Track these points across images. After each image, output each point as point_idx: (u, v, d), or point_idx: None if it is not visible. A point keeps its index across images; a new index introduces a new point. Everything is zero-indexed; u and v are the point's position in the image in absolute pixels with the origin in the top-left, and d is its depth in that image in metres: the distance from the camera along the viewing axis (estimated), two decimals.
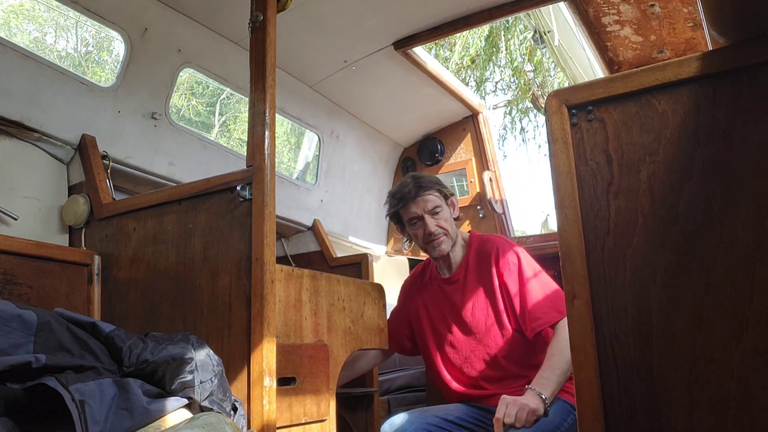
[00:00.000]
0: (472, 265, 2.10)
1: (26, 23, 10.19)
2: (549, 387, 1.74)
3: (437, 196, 2.10)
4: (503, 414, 1.66)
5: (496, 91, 10.49)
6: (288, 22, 2.56)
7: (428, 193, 2.08)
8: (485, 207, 3.65)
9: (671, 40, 2.60)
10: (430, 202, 2.08)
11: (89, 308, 1.89)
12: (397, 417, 1.99)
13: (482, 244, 2.12)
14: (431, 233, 2.07)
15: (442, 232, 2.07)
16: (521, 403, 1.67)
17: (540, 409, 1.69)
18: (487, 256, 2.07)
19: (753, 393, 0.93)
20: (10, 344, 1.15)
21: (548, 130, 1.15)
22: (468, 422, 2.00)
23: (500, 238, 2.15)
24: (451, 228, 2.10)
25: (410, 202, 2.09)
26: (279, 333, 1.62)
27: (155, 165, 2.54)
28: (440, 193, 2.11)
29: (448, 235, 2.09)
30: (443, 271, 2.18)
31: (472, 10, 2.76)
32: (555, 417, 1.76)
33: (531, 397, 1.70)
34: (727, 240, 0.98)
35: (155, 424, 1.16)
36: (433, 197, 2.09)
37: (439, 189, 2.11)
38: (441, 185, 2.13)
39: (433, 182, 2.13)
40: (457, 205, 2.18)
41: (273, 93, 1.65)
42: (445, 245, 2.08)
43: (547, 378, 1.76)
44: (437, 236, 2.07)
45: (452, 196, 2.16)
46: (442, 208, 2.09)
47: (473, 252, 2.12)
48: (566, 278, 1.09)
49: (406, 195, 2.09)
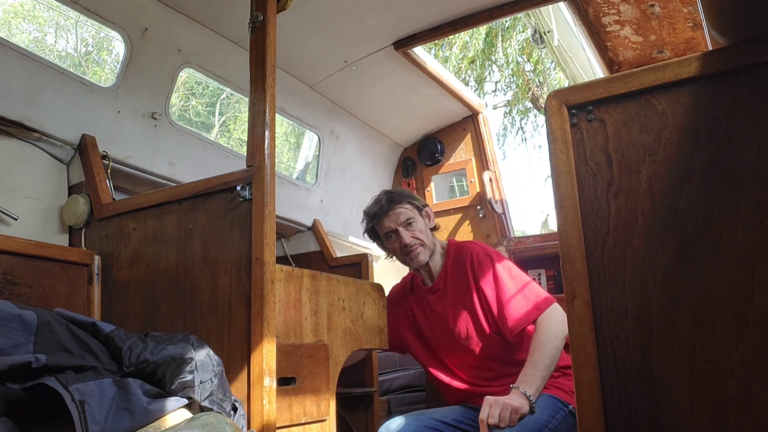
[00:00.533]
0: (451, 272, 2.12)
1: (26, 23, 10.20)
2: (533, 384, 1.75)
3: (409, 208, 2.12)
4: (487, 415, 1.67)
5: (496, 91, 10.50)
6: (288, 22, 2.56)
7: (399, 206, 2.12)
8: (485, 207, 3.65)
9: (671, 40, 2.60)
10: (402, 214, 2.11)
11: (89, 308, 1.89)
12: (394, 421, 2.00)
13: (458, 250, 2.14)
14: (407, 245, 2.09)
15: (417, 243, 2.10)
16: (503, 403, 1.67)
17: (524, 407, 1.69)
18: (463, 263, 2.09)
19: (753, 393, 0.93)
20: (10, 344, 1.15)
21: (548, 130, 1.15)
22: (465, 424, 2.00)
23: (475, 244, 2.16)
24: (427, 238, 2.12)
25: (383, 217, 2.13)
26: (279, 333, 1.62)
27: (155, 165, 2.54)
28: (412, 204, 2.14)
29: (425, 246, 2.11)
30: (426, 280, 2.20)
31: (472, 10, 2.76)
32: (543, 413, 1.75)
33: (515, 396, 1.71)
34: (727, 240, 0.98)
35: (155, 424, 1.16)
36: (405, 210, 2.12)
37: (410, 201, 2.14)
38: (412, 197, 2.17)
39: (405, 195, 2.17)
40: (432, 215, 2.21)
41: (273, 93, 1.65)
42: (422, 256, 2.10)
43: (530, 375, 1.77)
44: (413, 247, 2.09)
45: (425, 207, 2.19)
46: (416, 220, 2.12)
47: (451, 260, 2.14)
48: (566, 278, 1.09)
49: (378, 211, 2.14)
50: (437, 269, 2.16)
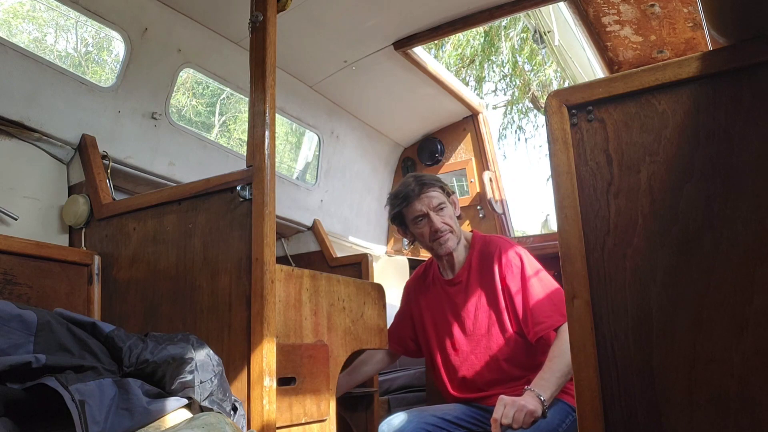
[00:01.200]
0: (475, 266, 2.09)
1: (26, 23, 10.20)
2: (548, 389, 1.73)
3: (440, 193, 2.09)
4: (501, 414, 1.65)
5: (496, 91, 10.50)
6: (288, 22, 2.56)
7: (432, 190, 2.07)
8: (485, 207, 3.65)
9: (671, 40, 2.60)
10: (435, 198, 2.06)
11: (89, 308, 1.89)
12: (395, 417, 1.99)
13: (485, 245, 2.11)
14: (437, 230, 2.05)
15: (448, 229, 2.06)
16: (519, 404, 1.66)
17: (538, 410, 1.68)
18: (489, 258, 2.06)
19: (753, 393, 0.93)
20: (10, 344, 1.15)
21: (548, 130, 1.15)
22: (466, 422, 1.99)
23: (503, 239, 2.14)
24: (456, 226, 2.09)
25: (414, 200, 2.07)
26: (279, 333, 1.62)
27: (155, 165, 2.54)
28: (443, 190, 2.10)
29: (454, 233, 2.08)
30: (446, 271, 2.17)
31: (472, 10, 2.76)
32: (553, 418, 1.75)
33: (529, 398, 1.70)
34: (727, 240, 0.98)
35: (155, 424, 1.16)
36: (437, 194, 2.08)
37: (441, 186, 2.10)
38: (442, 183, 2.13)
39: (435, 180, 2.12)
40: (458, 204, 2.18)
41: (273, 93, 1.65)
42: (451, 242, 2.07)
43: (547, 380, 1.76)
44: (443, 233, 2.05)
45: (453, 195, 2.15)
46: (446, 206, 2.08)
47: (476, 253, 2.11)
48: (566, 278, 1.09)
49: (409, 193, 2.08)
50: (460, 261, 2.13)
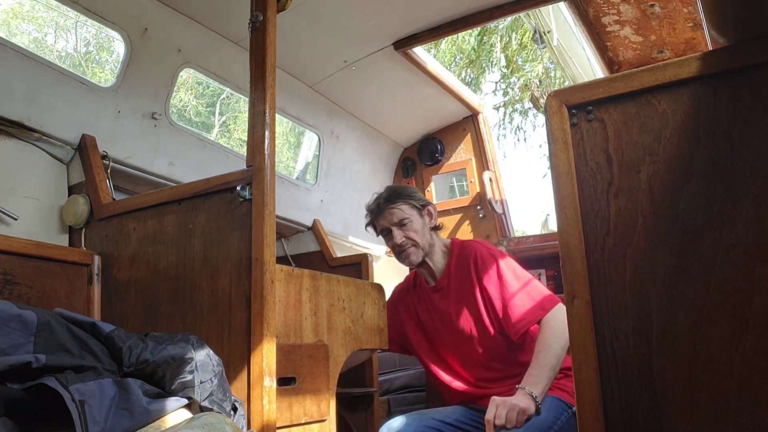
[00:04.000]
0: (454, 272, 2.12)
1: (26, 23, 10.20)
2: (539, 384, 1.74)
3: (404, 208, 2.12)
4: (493, 415, 1.66)
5: (496, 91, 10.50)
6: (288, 22, 2.56)
7: (395, 206, 2.12)
8: (485, 207, 3.65)
9: (671, 40, 2.60)
10: (395, 214, 2.12)
11: (89, 308, 1.89)
12: (395, 420, 1.99)
13: (462, 250, 2.14)
14: (398, 245, 2.11)
15: (409, 244, 2.10)
16: (511, 404, 1.67)
17: (531, 408, 1.69)
18: (466, 262, 2.08)
19: (753, 393, 0.93)
20: (10, 344, 1.15)
21: (548, 130, 1.15)
22: (466, 424, 2.00)
23: (478, 243, 2.16)
24: (422, 238, 2.11)
25: (379, 215, 2.16)
26: (279, 333, 1.62)
27: (155, 165, 2.54)
28: (409, 204, 2.13)
29: (417, 246, 2.11)
30: (428, 279, 2.20)
31: (472, 10, 2.76)
32: (548, 415, 1.75)
33: (521, 397, 1.70)
34: (727, 240, 0.98)
35: (155, 424, 1.16)
36: (399, 210, 2.12)
37: (407, 200, 2.14)
38: (411, 197, 2.16)
39: (403, 195, 2.16)
40: (434, 214, 2.20)
41: (273, 93, 1.65)
42: (414, 256, 2.11)
43: (536, 376, 1.76)
44: (404, 247, 2.11)
45: (427, 206, 2.18)
46: (411, 220, 2.11)
47: (454, 259, 2.13)
48: (566, 278, 1.09)
49: (375, 208, 2.17)
50: (440, 268, 2.16)
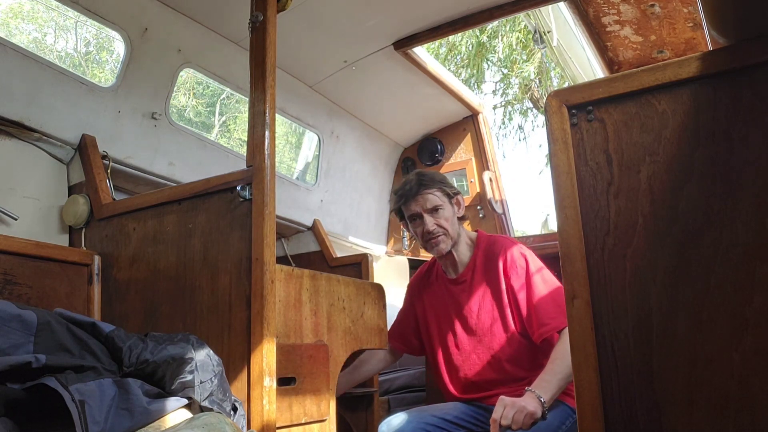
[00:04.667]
0: (480, 265, 2.09)
1: (26, 23, 10.20)
2: (549, 391, 1.73)
3: (438, 195, 2.09)
4: (500, 415, 1.65)
5: (496, 91, 10.50)
6: (288, 22, 2.56)
7: (428, 191, 2.08)
8: (485, 207, 3.65)
9: (671, 40, 2.60)
10: (429, 200, 2.07)
11: (89, 308, 1.89)
12: (395, 417, 1.99)
13: (490, 245, 2.11)
14: (429, 232, 2.06)
15: (441, 232, 2.07)
16: (519, 405, 1.66)
17: (538, 412, 1.67)
18: (494, 257, 2.06)
19: (753, 393, 0.93)
20: (10, 344, 1.15)
21: (548, 130, 1.15)
22: (466, 421, 1.99)
23: (507, 239, 2.14)
24: (452, 227, 2.09)
25: (411, 200, 2.09)
26: (279, 333, 1.62)
27: (155, 165, 2.54)
28: (442, 191, 2.10)
29: (448, 235, 2.08)
30: (449, 271, 2.17)
31: (472, 10, 2.76)
32: (553, 420, 1.75)
33: (530, 400, 1.69)
34: (727, 240, 0.98)
35: (155, 424, 1.16)
36: (434, 196, 2.08)
37: (441, 187, 2.10)
38: (444, 183, 2.12)
39: (436, 180, 2.11)
40: (463, 204, 2.17)
41: (273, 93, 1.65)
42: (443, 245, 2.07)
43: (548, 381, 1.75)
44: (435, 235, 2.06)
45: (457, 195, 2.14)
46: (443, 208, 2.08)
47: (481, 252, 2.11)
48: (566, 278, 1.09)
49: (407, 192, 2.10)
50: (464, 260, 2.13)
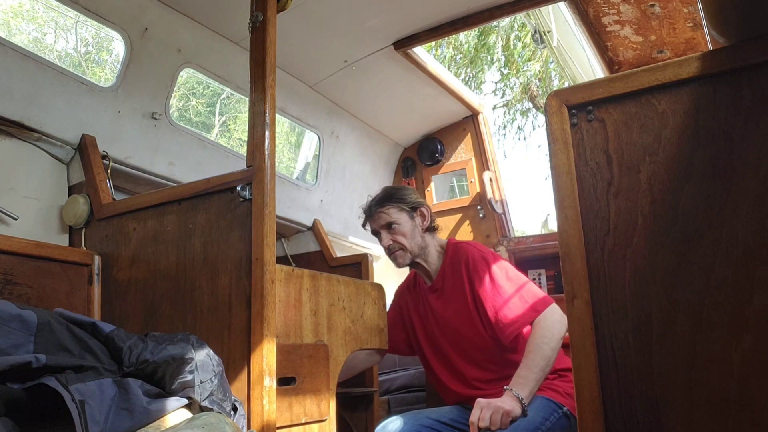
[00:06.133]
0: (448, 273, 2.12)
1: (26, 23, 10.20)
2: (526, 386, 1.74)
3: (393, 211, 2.13)
4: (477, 417, 1.66)
5: (496, 91, 10.50)
6: (288, 22, 2.56)
7: (383, 209, 2.15)
8: (485, 207, 3.65)
9: (671, 40, 2.60)
10: (383, 218, 2.14)
11: (89, 308, 1.89)
12: (391, 421, 2.00)
13: (455, 252, 2.14)
14: (386, 247, 2.15)
15: (397, 247, 2.13)
16: (495, 406, 1.67)
17: (516, 409, 1.68)
18: (458, 265, 2.08)
19: (753, 393, 0.93)
20: (10, 344, 1.15)
21: (548, 130, 1.15)
22: (462, 424, 1.99)
23: (471, 245, 2.15)
24: (410, 241, 2.12)
25: (369, 218, 2.20)
26: (279, 333, 1.62)
27: (155, 165, 2.54)
28: (398, 207, 2.14)
29: (405, 250, 2.13)
30: (426, 279, 2.21)
31: (472, 10, 2.76)
32: (536, 416, 1.75)
33: (507, 399, 1.71)
34: (727, 240, 0.98)
35: (155, 424, 1.16)
36: (386, 214, 2.14)
37: (397, 203, 2.14)
38: (402, 200, 2.15)
39: (393, 197, 2.16)
40: (428, 215, 2.18)
41: (273, 93, 1.65)
42: (401, 259, 2.14)
43: (524, 377, 1.77)
44: (392, 251, 2.14)
45: (420, 207, 2.17)
46: (399, 223, 2.12)
47: (448, 260, 2.14)
48: (566, 278, 1.09)
49: (366, 211, 2.21)
50: (435, 269, 2.16)
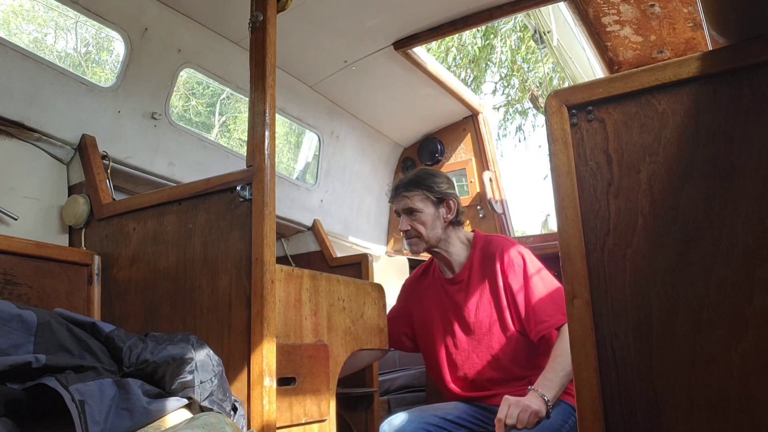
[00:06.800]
0: (477, 265, 2.10)
1: (26, 23, 10.20)
2: (552, 389, 1.74)
3: (418, 198, 2.09)
4: (505, 415, 1.66)
5: (496, 91, 10.50)
6: (288, 22, 2.56)
7: (408, 193, 2.10)
8: (485, 207, 3.65)
9: (671, 40, 2.60)
10: (406, 203, 2.10)
11: (89, 308, 1.89)
12: (396, 417, 1.99)
13: (486, 244, 2.11)
14: (404, 231, 2.13)
15: (413, 234, 2.09)
16: (524, 405, 1.67)
17: (542, 410, 1.68)
18: (491, 257, 2.06)
19: (753, 393, 0.93)
20: (10, 344, 1.15)
21: (548, 130, 1.15)
22: (468, 421, 1.99)
23: (504, 238, 2.14)
24: (428, 231, 2.08)
25: (395, 197, 2.17)
26: (279, 333, 1.62)
27: (155, 165, 2.54)
28: (425, 195, 2.09)
29: (421, 239, 2.09)
30: (445, 270, 2.18)
31: (472, 10, 2.76)
32: (556, 419, 1.75)
33: (534, 399, 1.70)
34: (727, 240, 0.98)
35: (155, 424, 1.16)
36: (410, 200, 2.09)
37: (424, 191, 2.09)
38: (431, 188, 2.10)
39: (422, 183, 2.10)
40: (455, 208, 2.13)
41: (273, 93, 1.65)
42: (415, 246, 2.12)
43: (550, 380, 1.76)
44: (408, 237, 2.12)
45: (448, 199, 2.11)
46: (422, 211, 2.08)
47: (478, 252, 2.11)
48: (566, 278, 1.09)
49: (395, 189, 2.18)
50: (459, 261, 2.14)
